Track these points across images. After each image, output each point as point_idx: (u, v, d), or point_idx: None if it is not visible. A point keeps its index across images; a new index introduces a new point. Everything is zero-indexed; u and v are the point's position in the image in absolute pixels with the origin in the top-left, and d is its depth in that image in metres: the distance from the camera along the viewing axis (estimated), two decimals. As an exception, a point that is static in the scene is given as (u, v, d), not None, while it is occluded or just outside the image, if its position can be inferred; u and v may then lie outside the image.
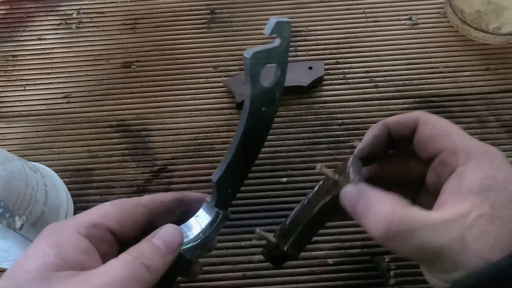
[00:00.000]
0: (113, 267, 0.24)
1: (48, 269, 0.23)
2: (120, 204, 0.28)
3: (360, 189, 0.26)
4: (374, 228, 0.24)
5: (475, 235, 0.23)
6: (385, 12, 0.50)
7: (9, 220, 0.31)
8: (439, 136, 0.27)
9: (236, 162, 0.28)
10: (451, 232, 0.23)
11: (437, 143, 0.27)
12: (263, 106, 0.26)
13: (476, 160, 0.25)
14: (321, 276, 0.37)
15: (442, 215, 0.24)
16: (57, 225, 0.26)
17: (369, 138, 0.29)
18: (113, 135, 0.44)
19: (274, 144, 0.43)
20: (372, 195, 0.25)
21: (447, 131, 0.27)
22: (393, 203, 0.24)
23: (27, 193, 0.32)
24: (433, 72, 0.46)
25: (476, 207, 0.23)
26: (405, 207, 0.24)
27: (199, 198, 0.30)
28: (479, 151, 0.25)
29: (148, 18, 0.51)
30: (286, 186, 0.41)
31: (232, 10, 0.51)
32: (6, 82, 0.47)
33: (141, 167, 0.42)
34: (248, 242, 0.38)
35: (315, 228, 0.30)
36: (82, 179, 0.41)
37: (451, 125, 0.28)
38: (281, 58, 0.26)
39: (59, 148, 0.43)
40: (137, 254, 0.25)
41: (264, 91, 0.26)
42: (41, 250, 0.24)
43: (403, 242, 0.23)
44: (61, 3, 0.52)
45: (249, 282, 0.37)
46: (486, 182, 0.24)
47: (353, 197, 0.26)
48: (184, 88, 0.46)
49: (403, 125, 0.29)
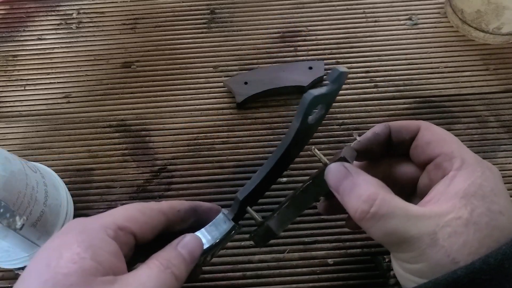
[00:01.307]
0: (148, 276, 0.24)
1: (87, 274, 0.23)
2: (142, 209, 0.28)
3: (347, 168, 0.27)
4: (355, 207, 0.26)
5: (446, 233, 0.24)
6: (385, 12, 0.50)
7: (9, 220, 0.31)
8: (438, 142, 0.28)
9: (263, 184, 0.29)
10: (425, 226, 0.24)
11: (435, 148, 0.28)
12: (302, 137, 0.29)
13: (469, 168, 0.26)
14: (321, 276, 0.37)
15: (421, 210, 0.25)
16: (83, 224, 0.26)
17: (369, 134, 0.30)
18: (113, 135, 0.44)
19: (274, 144, 0.43)
20: (359, 176, 0.27)
21: (447, 139, 0.28)
22: (377, 187, 0.26)
23: (27, 193, 0.32)
24: (433, 72, 0.46)
25: (456, 210, 0.24)
26: (388, 193, 0.26)
27: (211, 208, 0.31)
28: (474, 161, 0.26)
29: (148, 18, 0.51)
30: (286, 186, 0.41)
31: (232, 10, 0.51)
32: (6, 82, 0.47)
33: (141, 167, 0.42)
34: (248, 242, 0.38)
35: (299, 206, 0.30)
36: (82, 179, 0.41)
37: (452, 135, 0.29)
38: (330, 100, 0.28)
39: (59, 148, 0.43)
40: (167, 263, 0.25)
41: (307, 126, 0.28)
42: (76, 253, 0.23)
43: (377, 224, 0.25)
44: (61, 3, 0.52)
45: (249, 282, 0.37)
46: (472, 189, 0.25)
47: (338, 174, 0.27)
48: (184, 88, 0.46)
49: (405, 129, 0.30)
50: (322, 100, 0.27)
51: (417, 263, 0.25)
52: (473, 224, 0.24)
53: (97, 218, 0.26)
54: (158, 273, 0.24)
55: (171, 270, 0.25)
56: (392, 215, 0.25)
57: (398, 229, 0.24)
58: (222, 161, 0.42)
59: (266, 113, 0.45)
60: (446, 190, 0.25)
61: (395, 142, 0.30)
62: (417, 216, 0.24)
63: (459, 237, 0.24)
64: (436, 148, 0.28)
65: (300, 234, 0.38)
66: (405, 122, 0.30)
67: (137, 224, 0.27)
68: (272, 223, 0.30)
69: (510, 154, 0.42)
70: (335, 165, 0.28)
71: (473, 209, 0.24)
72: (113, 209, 0.28)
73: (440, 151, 0.27)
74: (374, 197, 0.25)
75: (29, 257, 0.35)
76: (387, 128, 0.30)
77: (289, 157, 0.30)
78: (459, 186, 0.25)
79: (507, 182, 0.40)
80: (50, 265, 0.23)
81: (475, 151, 0.41)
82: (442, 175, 0.27)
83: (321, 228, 0.39)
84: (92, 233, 0.25)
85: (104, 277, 0.23)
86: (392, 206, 0.25)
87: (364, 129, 0.43)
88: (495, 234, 0.24)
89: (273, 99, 0.45)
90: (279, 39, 0.49)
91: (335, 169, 0.27)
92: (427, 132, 0.29)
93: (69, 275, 0.22)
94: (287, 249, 0.38)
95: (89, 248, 0.24)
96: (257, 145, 0.43)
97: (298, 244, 0.38)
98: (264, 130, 0.44)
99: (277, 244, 0.38)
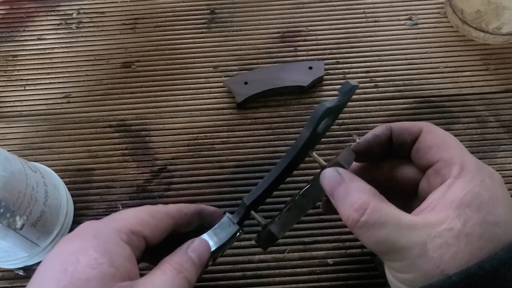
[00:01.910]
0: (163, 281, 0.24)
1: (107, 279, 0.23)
2: (152, 212, 0.28)
3: (341, 174, 0.27)
4: (347, 214, 0.26)
5: (437, 245, 0.23)
6: (385, 12, 0.50)
7: (9, 220, 0.31)
8: (439, 146, 0.27)
9: (268, 189, 0.30)
10: (416, 236, 0.24)
11: (435, 153, 0.27)
12: (308, 145, 0.29)
13: (468, 175, 0.25)
14: (321, 276, 0.37)
15: (414, 219, 0.25)
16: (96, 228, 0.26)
17: (369, 136, 0.30)
18: (113, 135, 0.44)
19: (274, 144, 0.43)
20: (352, 183, 0.27)
21: (448, 143, 0.28)
22: (370, 194, 0.26)
23: (27, 193, 0.32)
24: (433, 72, 0.46)
25: (449, 220, 0.24)
26: (381, 201, 0.26)
27: (214, 212, 0.32)
28: (474, 168, 0.26)
29: (148, 18, 0.51)
30: (286, 186, 0.40)
31: (232, 10, 0.51)
32: (6, 82, 0.47)
33: (141, 167, 0.42)
34: (248, 242, 0.38)
35: (299, 209, 0.30)
36: (82, 179, 0.41)
37: (454, 139, 0.28)
38: (339, 111, 0.30)
39: (59, 148, 0.43)
40: (180, 267, 0.26)
41: (315, 134, 0.28)
42: (93, 258, 0.23)
43: (369, 232, 0.25)
44: (61, 3, 0.52)
45: (249, 282, 0.37)
46: (468, 198, 0.24)
47: (333, 180, 0.27)
48: (184, 88, 0.46)
49: (407, 131, 0.29)
50: (333, 112, 0.28)
51: (407, 273, 0.25)
52: (465, 235, 0.23)
53: (110, 222, 0.26)
54: (172, 277, 0.25)
55: (184, 275, 0.25)
56: (383, 224, 0.24)
57: (388, 238, 0.24)
58: (222, 161, 0.42)
59: (266, 113, 0.45)
60: (442, 198, 0.25)
61: (396, 144, 0.30)
62: (408, 226, 0.24)
63: (450, 248, 0.23)
64: (436, 153, 0.27)
65: (300, 234, 0.39)
66: (407, 124, 0.30)
67: (148, 228, 0.27)
68: (273, 226, 0.30)
69: (510, 154, 0.42)
70: (329, 171, 0.28)
71: (466, 220, 0.24)
72: (122, 211, 0.28)
73: (440, 156, 0.27)
74: (365, 206, 0.25)
75: (29, 257, 0.35)
76: (388, 129, 0.30)
77: (295, 163, 0.30)
78: (455, 195, 0.25)
79: (507, 182, 0.40)
80: (67, 270, 0.23)
81: (475, 151, 0.42)
82: (441, 181, 0.26)
83: (321, 228, 0.39)
84: (107, 238, 0.25)
85: (122, 282, 0.23)
86: (383, 215, 0.25)
87: (364, 129, 0.43)
88: (489, 247, 0.23)
89: (273, 99, 0.45)
90: (279, 39, 0.49)
91: (329, 175, 0.28)
92: (429, 135, 0.28)
93: (89, 280, 0.22)
94: (287, 249, 0.38)
95: (106, 253, 0.24)
96: (257, 145, 0.43)
97: (298, 244, 0.38)
98: (264, 130, 0.44)
99: (277, 244, 0.38)
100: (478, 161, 0.27)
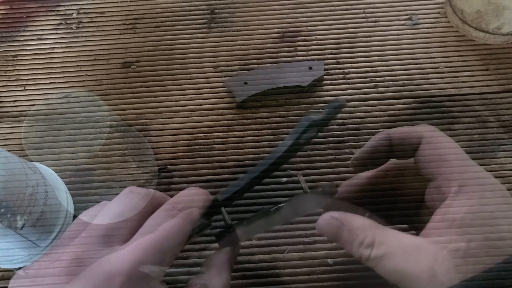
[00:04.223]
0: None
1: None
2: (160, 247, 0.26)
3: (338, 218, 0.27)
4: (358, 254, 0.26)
5: (445, 269, 0.23)
6: (385, 12, 0.50)
7: (10, 220, 0.31)
8: (438, 162, 0.27)
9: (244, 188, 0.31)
10: (423, 262, 0.24)
11: (435, 167, 0.27)
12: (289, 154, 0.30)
13: (467, 192, 0.25)
14: (321, 276, 0.37)
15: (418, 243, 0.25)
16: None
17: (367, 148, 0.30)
18: (113, 135, 0.44)
19: (274, 144, 0.43)
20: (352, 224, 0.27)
21: (447, 156, 0.27)
22: (372, 228, 0.26)
23: (27, 193, 0.32)
24: (433, 72, 0.46)
25: (453, 241, 0.24)
26: (383, 231, 0.26)
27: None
28: (474, 182, 0.26)
29: (148, 18, 0.51)
30: (286, 186, 0.41)
31: (232, 10, 0.51)
32: (6, 82, 0.47)
33: (141, 167, 0.42)
34: (248, 242, 0.38)
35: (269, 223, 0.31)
36: (82, 179, 0.41)
37: (454, 149, 0.28)
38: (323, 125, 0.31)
39: (59, 148, 0.43)
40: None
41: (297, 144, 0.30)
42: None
43: (379, 264, 0.25)
44: (61, 3, 0.52)
45: (249, 282, 0.37)
46: (468, 217, 0.24)
47: (332, 228, 0.27)
48: (184, 88, 0.46)
49: (406, 141, 0.29)
50: (318, 124, 0.29)
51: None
52: (471, 256, 0.23)
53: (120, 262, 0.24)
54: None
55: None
56: (390, 255, 0.25)
57: (397, 267, 0.24)
58: (222, 161, 0.42)
59: (266, 113, 0.45)
60: (444, 219, 0.25)
61: (397, 152, 0.30)
62: (415, 251, 0.24)
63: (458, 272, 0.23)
64: (436, 168, 0.27)
65: (300, 234, 0.39)
66: (406, 132, 0.29)
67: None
68: (240, 231, 0.30)
69: (510, 154, 0.42)
70: (324, 220, 0.28)
71: (470, 239, 0.24)
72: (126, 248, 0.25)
73: (439, 171, 0.27)
74: (371, 242, 0.25)
75: (29, 257, 0.35)
76: (386, 139, 0.30)
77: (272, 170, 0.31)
78: (455, 215, 0.25)
79: (507, 182, 0.40)
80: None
81: (475, 151, 0.42)
82: (442, 199, 0.26)
83: (321, 228, 0.39)
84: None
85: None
86: (388, 247, 0.25)
87: (364, 129, 0.43)
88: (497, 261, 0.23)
89: (273, 99, 0.45)
90: (279, 39, 0.49)
91: (327, 224, 0.28)
92: (428, 148, 0.28)
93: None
94: (287, 249, 0.38)
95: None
96: (257, 145, 0.43)
97: (298, 244, 0.38)
98: (264, 130, 0.44)
99: (277, 244, 0.38)
100: (479, 173, 0.26)
